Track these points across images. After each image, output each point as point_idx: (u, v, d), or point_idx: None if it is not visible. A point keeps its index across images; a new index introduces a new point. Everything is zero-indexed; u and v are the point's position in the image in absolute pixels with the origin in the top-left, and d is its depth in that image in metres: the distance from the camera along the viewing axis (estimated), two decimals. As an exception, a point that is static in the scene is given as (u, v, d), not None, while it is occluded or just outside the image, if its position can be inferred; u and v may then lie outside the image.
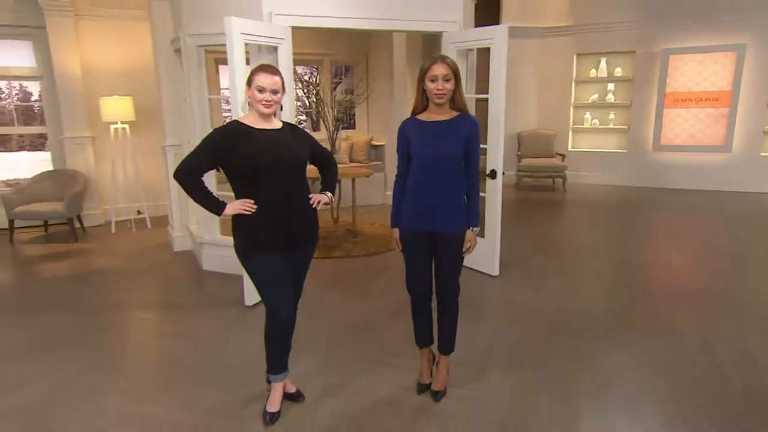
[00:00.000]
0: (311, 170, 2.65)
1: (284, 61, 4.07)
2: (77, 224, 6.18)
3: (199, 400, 2.74)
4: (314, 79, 8.25)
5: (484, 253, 4.60)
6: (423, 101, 2.55)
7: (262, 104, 2.34)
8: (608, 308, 3.92)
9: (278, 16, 4.06)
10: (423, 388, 2.78)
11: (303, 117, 8.67)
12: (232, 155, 2.31)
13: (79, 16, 6.23)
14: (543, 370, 3.03)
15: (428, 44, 4.93)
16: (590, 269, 4.86)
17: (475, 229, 2.64)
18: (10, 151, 8.17)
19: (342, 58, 8.03)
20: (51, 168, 6.56)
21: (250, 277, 2.47)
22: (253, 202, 2.35)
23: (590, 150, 9.17)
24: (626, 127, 8.82)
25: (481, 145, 4.62)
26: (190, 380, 2.98)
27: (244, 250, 2.44)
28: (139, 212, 6.64)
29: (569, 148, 9.17)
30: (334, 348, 3.35)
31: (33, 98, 7.03)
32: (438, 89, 2.44)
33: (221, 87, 7.70)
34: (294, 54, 4.18)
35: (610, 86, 8.88)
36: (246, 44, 3.96)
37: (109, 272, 4.95)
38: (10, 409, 2.69)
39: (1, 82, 7.27)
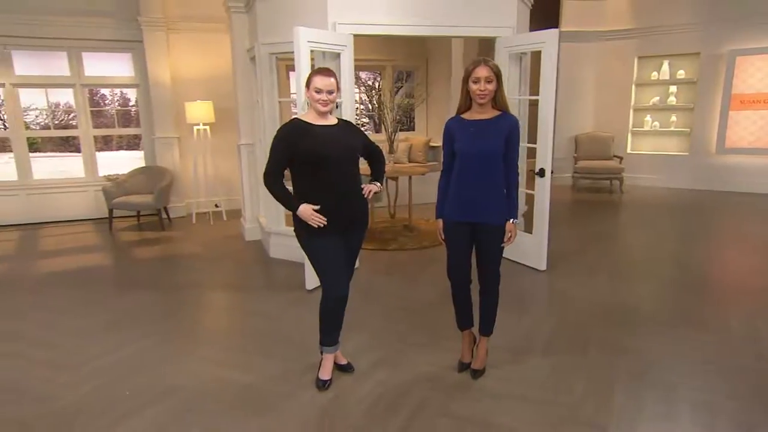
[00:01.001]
0: (367, 169, 2.95)
1: (346, 66, 4.51)
2: (164, 215, 6.94)
3: (265, 366, 3.14)
4: (377, 84, 8.73)
5: (532, 247, 4.83)
6: (467, 101, 2.78)
7: (320, 103, 2.68)
8: (656, 304, 4.02)
9: (341, 25, 4.49)
10: (464, 366, 3.02)
11: (366, 119, 9.15)
12: (296, 149, 2.65)
13: (171, 30, 7.01)
14: (582, 357, 3.18)
15: (484, 49, 5.21)
16: (641, 266, 4.95)
17: (515, 220, 2.84)
18: (111, 149, 9.22)
19: (403, 64, 8.45)
20: (143, 165, 7.41)
21: (309, 257, 2.80)
22: (321, 216, 2.63)
23: (650, 153, 9.06)
24: (688, 129, 8.65)
25: (531, 145, 4.95)
26: (257, 350, 3.41)
27: (303, 234, 2.76)
28: (216, 205, 7.33)
29: (628, 151, 9.10)
30: (385, 327, 3.70)
31: (131, 103, 7.93)
32: (480, 90, 2.68)
33: (291, 91, 8.32)
34: (358, 60, 4.57)
35: (672, 89, 8.75)
36: (312, 51, 4.46)
37: (190, 257, 5.59)
38: (104, 366, 3.19)
39: (105, 90, 8.24)
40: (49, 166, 8.90)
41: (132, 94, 7.72)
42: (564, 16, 9.06)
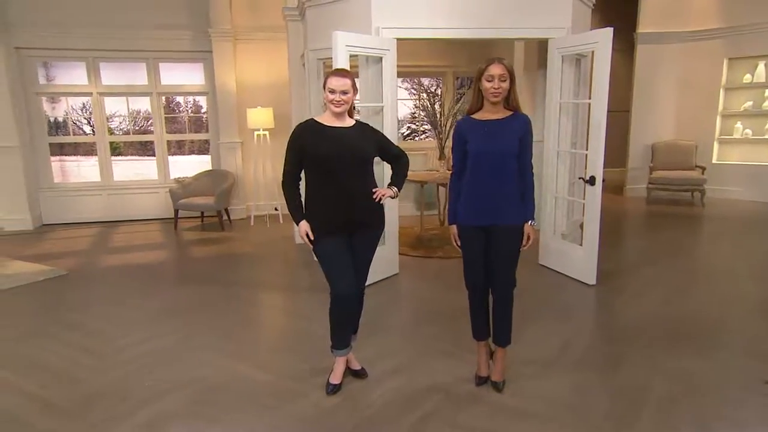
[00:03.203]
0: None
1: (388, 71, 4.48)
2: (225, 216, 7.26)
3: (285, 365, 3.18)
4: (439, 91, 8.64)
5: (580, 260, 4.53)
6: (478, 101, 2.70)
7: (333, 104, 2.68)
8: (712, 325, 3.63)
9: (385, 30, 4.48)
10: (482, 380, 2.87)
11: (427, 126, 9.06)
12: (306, 149, 2.67)
13: (238, 41, 7.37)
14: (612, 375, 2.96)
15: (544, 52, 4.99)
16: (706, 285, 4.49)
17: (532, 222, 2.72)
18: (184, 153, 9.84)
19: (464, 70, 8.29)
20: (210, 168, 7.82)
21: (317, 258, 2.80)
22: (311, 239, 2.71)
23: (739, 163, 8.19)
24: (787, 137, 7.77)
25: (581, 151, 4.65)
26: (283, 348, 3.48)
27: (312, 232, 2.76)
28: (275, 209, 7.56)
29: (713, 161, 8.30)
30: (411, 334, 3.63)
31: (202, 110, 8.42)
32: (495, 88, 2.59)
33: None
34: (418, 67, 4.50)
35: (768, 92, 7.91)
36: (357, 56, 4.48)
37: (243, 256, 5.81)
38: (137, 354, 3.35)
39: (180, 98, 8.82)
40: (130, 169, 9.70)
41: (203, 102, 8.19)
42: (642, 17, 8.48)
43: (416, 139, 10.42)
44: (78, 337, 3.65)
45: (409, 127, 10.42)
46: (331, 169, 2.67)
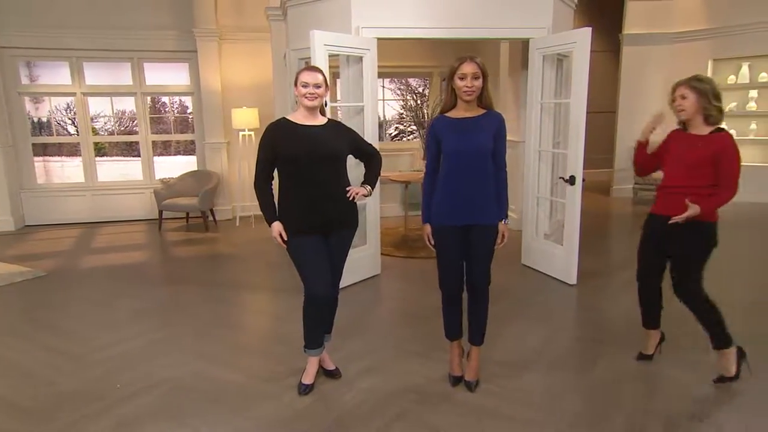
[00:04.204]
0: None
1: (369, 70, 4.46)
2: (210, 217, 7.21)
3: (256, 366, 3.15)
4: (426, 91, 8.63)
5: (561, 261, 4.53)
6: (452, 100, 2.69)
7: (306, 97, 2.65)
8: (688, 326, 3.62)
9: (365, 29, 4.46)
10: (457, 380, 2.86)
11: (414, 127, 9.06)
12: (277, 149, 2.66)
13: (223, 40, 7.33)
14: (587, 375, 2.96)
15: (527, 52, 4.97)
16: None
17: (506, 221, 2.72)
18: (170, 154, 9.79)
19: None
20: (196, 169, 7.77)
21: (290, 256, 2.76)
22: (284, 239, 2.69)
23: (725, 163, 8.25)
24: (770, 138, 7.81)
25: (562, 151, 4.65)
26: (258, 349, 3.45)
27: (286, 233, 2.73)
28: (261, 210, 7.52)
29: (699, 162, 8.34)
30: (387, 334, 3.61)
31: (188, 111, 8.39)
32: (467, 86, 2.57)
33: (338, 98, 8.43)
34: (405, 67, 4.47)
35: (752, 93, 7.91)
36: (338, 56, 4.46)
37: (224, 257, 5.77)
38: (110, 356, 3.31)
39: (166, 98, 8.78)
40: (115, 170, 9.65)
41: (189, 102, 8.14)
42: (628, 18, 8.52)
43: (404, 139, 10.41)
44: (50, 338, 3.61)
45: (396, 127, 10.40)
46: (304, 168, 2.65)
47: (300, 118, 2.75)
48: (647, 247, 2.95)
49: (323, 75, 2.72)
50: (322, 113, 2.85)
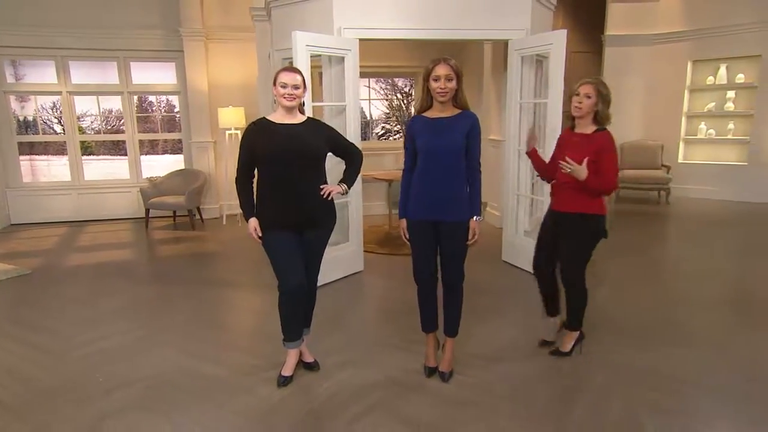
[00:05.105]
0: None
1: (351, 70, 4.54)
2: (197, 216, 7.26)
3: (237, 360, 3.21)
4: (412, 92, 8.73)
5: (539, 256, 4.62)
6: (427, 100, 2.77)
7: (285, 98, 2.71)
8: (659, 319, 3.75)
9: (347, 30, 4.53)
10: (431, 371, 2.95)
11: (399, 127, 9.17)
12: (256, 147, 2.72)
13: (209, 40, 7.37)
14: (558, 368, 3.05)
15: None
16: (659, 282, 4.61)
17: (478, 218, 2.80)
18: (158, 153, 9.80)
19: (436, 71, 8.39)
20: (183, 168, 7.80)
21: (266, 251, 2.83)
22: (259, 235, 2.78)
23: (704, 162, 8.40)
24: (747, 137, 7.96)
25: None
26: (239, 344, 3.51)
27: (261, 228, 2.81)
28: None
29: (680, 160, 8.51)
30: (366, 328, 3.69)
31: (175, 110, 8.41)
32: (441, 88, 2.66)
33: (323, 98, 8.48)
34: (390, 67, 4.53)
35: (730, 94, 8.09)
36: (320, 56, 4.53)
37: (209, 255, 5.83)
38: (91, 353, 3.35)
39: (152, 97, 8.80)
40: (101, 168, 9.65)
41: (176, 101, 8.17)
42: (610, 19, 8.65)
43: (390, 138, 10.51)
44: (33, 335, 3.65)
45: (383, 126, 10.50)
46: (282, 166, 2.71)
47: (279, 117, 2.81)
48: (544, 239, 3.20)
49: (302, 76, 2.79)
50: (301, 111, 2.91)
